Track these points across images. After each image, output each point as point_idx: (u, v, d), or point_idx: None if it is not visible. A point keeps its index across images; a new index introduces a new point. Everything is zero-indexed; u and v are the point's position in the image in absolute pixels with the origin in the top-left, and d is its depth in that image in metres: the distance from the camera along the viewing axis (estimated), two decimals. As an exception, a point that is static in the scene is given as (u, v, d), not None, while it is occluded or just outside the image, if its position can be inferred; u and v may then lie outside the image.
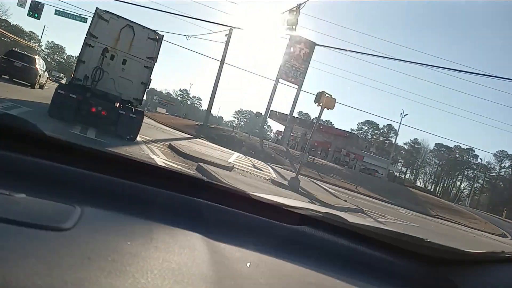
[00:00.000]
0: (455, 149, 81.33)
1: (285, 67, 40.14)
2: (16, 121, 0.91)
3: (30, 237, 0.56)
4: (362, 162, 50.49)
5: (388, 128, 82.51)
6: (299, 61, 40.62)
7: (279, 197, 1.12)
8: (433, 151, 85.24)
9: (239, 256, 0.77)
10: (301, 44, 39.92)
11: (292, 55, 39.83)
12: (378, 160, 56.16)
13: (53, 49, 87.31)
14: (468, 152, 79.68)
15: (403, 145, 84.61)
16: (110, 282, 0.52)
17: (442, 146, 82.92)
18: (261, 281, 0.70)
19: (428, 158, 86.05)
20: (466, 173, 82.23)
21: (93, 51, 10.02)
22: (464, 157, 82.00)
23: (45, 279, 0.48)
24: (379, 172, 48.93)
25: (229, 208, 0.93)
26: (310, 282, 0.78)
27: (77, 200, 0.74)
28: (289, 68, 40.33)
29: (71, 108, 9.33)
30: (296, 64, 40.52)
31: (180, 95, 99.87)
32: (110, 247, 0.61)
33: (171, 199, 0.88)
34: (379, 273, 0.93)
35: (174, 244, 0.71)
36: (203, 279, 0.62)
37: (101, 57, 9.99)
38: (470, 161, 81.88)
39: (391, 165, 58.70)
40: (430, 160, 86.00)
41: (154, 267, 0.59)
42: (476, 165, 79.08)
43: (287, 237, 0.95)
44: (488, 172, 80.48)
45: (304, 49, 40.34)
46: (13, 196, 0.67)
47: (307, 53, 40.87)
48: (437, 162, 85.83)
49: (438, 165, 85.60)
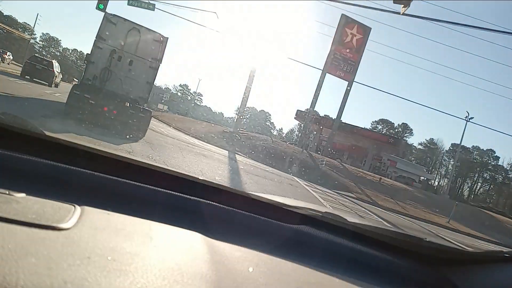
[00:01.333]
0: (472, 150, 74.45)
1: (333, 58, 31.79)
2: (16, 121, 0.93)
3: (30, 237, 0.57)
4: (395, 168, 43.34)
5: (403, 127, 74.75)
6: (351, 51, 32.40)
7: (279, 197, 1.12)
8: (448, 151, 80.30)
9: (239, 255, 0.77)
10: (353, 29, 32.07)
11: (342, 43, 31.86)
12: (413, 166, 48.15)
13: (48, 42, 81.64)
14: (487, 153, 72.60)
15: (418, 145, 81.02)
16: (110, 282, 0.52)
17: (455, 146, 76.35)
18: (261, 280, 0.70)
19: (443, 159, 78.35)
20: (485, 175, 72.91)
21: (102, 53, 10.58)
22: (484, 158, 73.88)
23: (45, 278, 0.48)
24: (416, 181, 42.00)
25: (229, 208, 0.94)
26: (310, 282, 0.77)
27: (77, 199, 0.74)
28: (338, 59, 32.08)
29: (85, 108, 9.74)
30: (348, 54, 32.24)
31: (180, 91, 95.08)
32: (109, 247, 0.61)
33: (170, 199, 0.88)
34: (379, 272, 0.94)
35: (173, 244, 0.72)
36: (202, 278, 0.61)
37: (109, 58, 10.57)
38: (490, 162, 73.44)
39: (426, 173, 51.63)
40: (446, 162, 77.97)
41: (154, 267, 0.60)
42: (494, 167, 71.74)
43: (287, 236, 0.95)
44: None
45: (356, 35, 32.31)
46: (13, 195, 0.68)
47: (361, 41, 32.48)
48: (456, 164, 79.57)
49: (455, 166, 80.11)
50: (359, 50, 32.90)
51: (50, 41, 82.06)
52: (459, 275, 0.94)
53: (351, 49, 32.39)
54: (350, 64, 32.54)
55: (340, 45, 32.03)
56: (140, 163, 0.95)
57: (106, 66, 10.56)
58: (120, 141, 8.87)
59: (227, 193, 0.99)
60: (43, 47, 79.28)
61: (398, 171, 42.62)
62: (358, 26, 32.21)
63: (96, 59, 10.62)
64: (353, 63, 32.68)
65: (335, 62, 32.13)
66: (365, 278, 0.87)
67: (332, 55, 31.93)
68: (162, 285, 0.56)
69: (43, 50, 77.01)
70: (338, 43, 31.89)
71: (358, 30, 32.35)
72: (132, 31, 10.77)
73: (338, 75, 32.45)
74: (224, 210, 0.93)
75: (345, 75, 32.63)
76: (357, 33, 32.37)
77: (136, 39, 10.79)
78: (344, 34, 32.14)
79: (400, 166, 43.89)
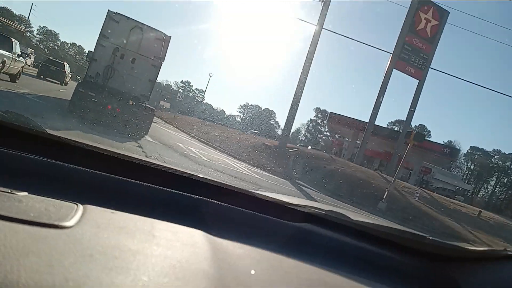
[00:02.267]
0: (493, 153, 69.95)
1: (402, 50, 25.07)
2: (18, 119, 0.93)
3: (32, 235, 0.57)
4: (432, 178, 37.47)
5: (420, 128, 65.54)
6: (424, 41, 25.46)
7: (282, 195, 1.12)
8: (467, 155, 72.15)
9: (241, 253, 0.77)
10: (428, 13, 25.17)
11: (414, 31, 25.11)
12: (450, 176, 41.57)
13: (46, 35, 79.09)
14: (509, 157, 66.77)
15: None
16: (112, 280, 0.52)
17: (477, 150, 71.50)
18: (263, 278, 0.70)
19: (460, 163, 71.07)
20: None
21: (105, 51, 10.67)
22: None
23: (47, 276, 0.48)
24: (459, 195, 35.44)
25: (232, 206, 0.94)
26: (313, 279, 0.77)
27: (79, 198, 0.74)
28: (408, 51, 25.32)
29: (89, 105, 9.80)
30: (419, 44, 25.41)
31: (182, 87, 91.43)
32: (112, 245, 0.61)
33: (173, 197, 0.89)
34: (381, 270, 0.94)
35: (176, 242, 0.71)
36: (205, 276, 0.61)
37: (112, 56, 10.66)
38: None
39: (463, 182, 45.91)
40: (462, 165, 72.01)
41: (156, 264, 0.60)
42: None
43: (290, 234, 0.95)
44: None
45: (432, 21, 25.30)
46: (15, 193, 0.68)
47: (436, 29, 25.41)
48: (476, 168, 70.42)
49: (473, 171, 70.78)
50: (433, 40, 25.84)
51: (47, 34, 79.91)
52: (462, 273, 0.94)
53: (424, 40, 25.56)
54: (422, 58, 25.70)
55: (411, 34, 25.20)
56: (143, 162, 0.94)
57: (109, 64, 10.65)
58: (123, 139, 8.90)
59: (230, 191, 0.99)
60: (41, 40, 77.43)
61: (435, 181, 37.23)
62: (434, 10, 25.36)
63: (99, 57, 10.72)
64: (425, 57, 25.75)
65: (404, 55, 25.23)
66: (368, 276, 0.87)
67: (401, 47, 24.98)
68: (164, 282, 0.56)
69: (41, 43, 75.43)
70: (409, 31, 25.13)
71: (434, 15, 25.40)
72: (135, 29, 10.85)
73: (408, 72, 25.63)
74: (227, 208, 0.93)
75: (416, 72, 25.71)
76: (433, 18, 25.36)
77: (138, 37, 10.87)
78: (417, 20, 25.12)
79: (438, 176, 37.88)
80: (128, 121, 10.31)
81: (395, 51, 25.24)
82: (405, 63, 25.44)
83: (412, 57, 25.47)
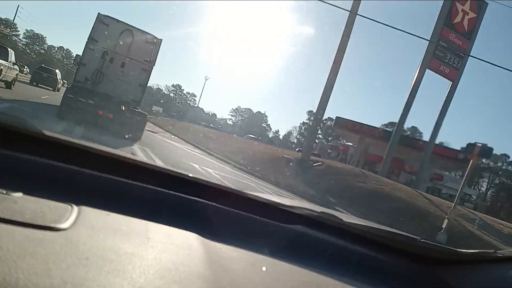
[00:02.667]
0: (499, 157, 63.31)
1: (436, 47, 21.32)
2: (13, 120, 0.91)
3: (28, 237, 0.57)
4: (443, 185, 35.16)
5: (412, 130, 61.87)
6: (460, 37, 21.96)
7: (275, 197, 1.13)
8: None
9: (235, 255, 0.78)
10: (465, 5, 21.76)
11: (451, 25, 21.53)
12: (457, 181, 36.46)
13: (32, 39, 75.37)
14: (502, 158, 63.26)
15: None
16: (109, 282, 0.52)
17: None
18: (257, 280, 0.71)
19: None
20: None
21: (94, 54, 10.41)
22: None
23: (45, 279, 0.48)
24: (467, 202, 33.69)
25: (226, 208, 0.94)
26: (305, 281, 0.78)
27: (74, 199, 0.74)
28: (443, 48, 21.64)
29: (79, 111, 9.59)
30: (456, 40, 21.84)
31: (173, 91, 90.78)
32: (107, 247, 0.62)
33: (167, 199, 0.89)
34: (373, 272, 0.94)
35: (170, 244, 0.72)
36: (199, 278, 0.62)
37: (101, 60, 10.37)
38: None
39: (466, 187, 40.65)
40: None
41: (151, 267, 0.60)
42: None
43: (283, 236, 0.95)
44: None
45: (469, 13, 21.94)
46: (10, 195, 0.68)
47: (474, 22, 22.07)
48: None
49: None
50: (470, 36, 22.39)
51: (34, 38, 76.49)
52: (453, 275, 0.95)
53: (461, 35, 22.10)
54: (458, 56, 22.21)
55: (447, 28, 21.56)
56: (138, 163, 0.94)
57: (98, 68, 10.36)
58: (115, 145, 8.66)
59: (224, 192, 0.99)
60: (27, 44, 74.37)
61: (442, 187, 35.14)
62: (471, 1, 22.06)
63: (87, 61, 10.47)
64: (462, 55, 22.21)
65: (439, 53, 21.65)
66: (359, 278, 0.88)
67: (436, 42, 21.19)
68: (160, 284, 0.57)
69: (27, 47, 72.71)
70: (445, 25, 21.46)
71: (471, 6, 22.05)
72: (125, 33, 10.60)
73: (442, 72, 22.07)
74: (221, 210, 0.93)
75: (450, 73, 22.16)
76: (470, 10, 22.02)
77: (129, 40, 10.62)
78: (453, 12, 21.63)
79: (449, 184, 35.06)
80: (119, 127, 9.97)
81: (428, 49, 21.56)
82: (440, 61, 21.92)
83: (447, 54, 22.03)
